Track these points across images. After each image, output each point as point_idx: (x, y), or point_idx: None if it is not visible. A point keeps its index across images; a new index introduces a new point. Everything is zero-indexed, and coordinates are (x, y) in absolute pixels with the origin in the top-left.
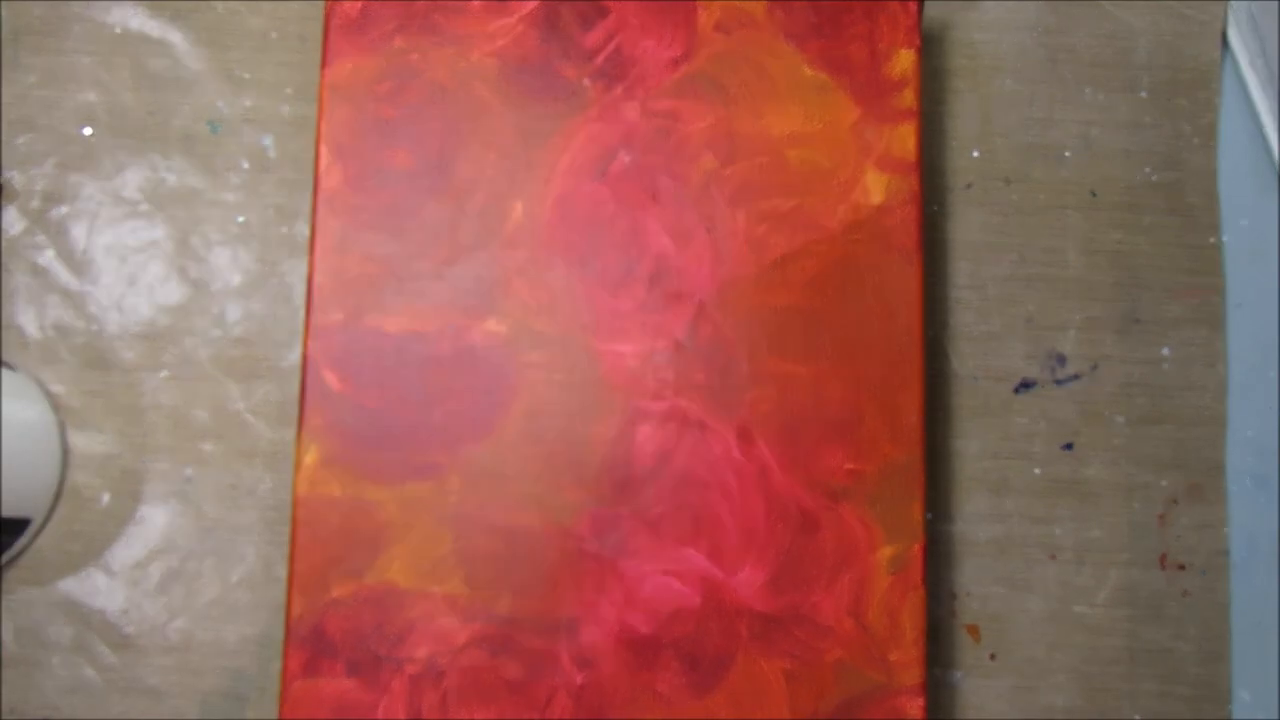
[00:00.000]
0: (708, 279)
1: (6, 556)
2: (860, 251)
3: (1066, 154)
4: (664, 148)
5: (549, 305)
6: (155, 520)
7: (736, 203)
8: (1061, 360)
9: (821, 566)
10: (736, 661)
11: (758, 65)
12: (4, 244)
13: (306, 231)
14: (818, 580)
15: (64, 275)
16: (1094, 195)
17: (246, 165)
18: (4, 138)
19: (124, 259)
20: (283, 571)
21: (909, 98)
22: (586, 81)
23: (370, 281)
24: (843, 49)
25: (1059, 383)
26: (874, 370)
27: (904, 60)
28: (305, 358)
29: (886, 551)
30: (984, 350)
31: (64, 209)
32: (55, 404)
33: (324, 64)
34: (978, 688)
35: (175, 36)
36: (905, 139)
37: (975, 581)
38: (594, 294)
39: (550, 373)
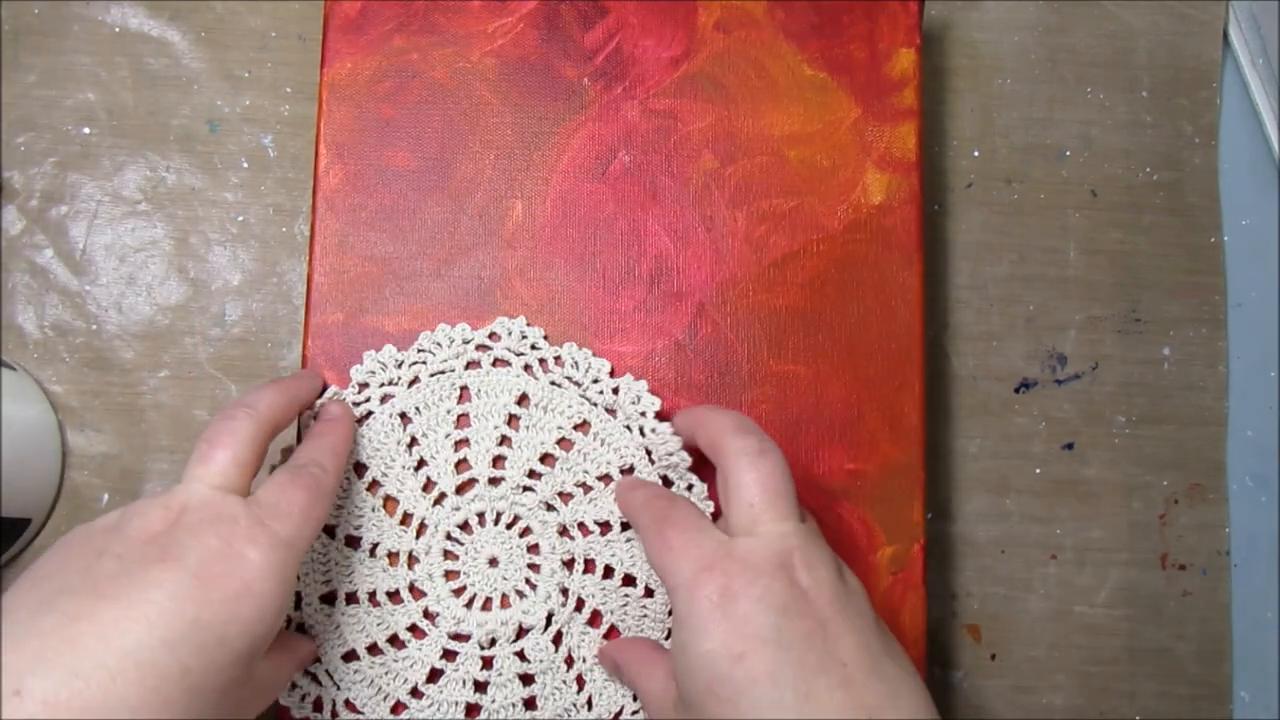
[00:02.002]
0: (708, 279)
1: (6, 556)
2: (860, 251)
3: (1066, 154)
4: (664, 147)
5: (549, 305)
6: None
7: (736, 202)
8: (1061, 360)
9: None
10: None
11: (758, 65)
12: (3, 243)
13: (306, 231)
14: None
15: (63, 275)
16: (1094, 195)
17: (246, 165)
18: (4, 137)
19: (123, 258)
20: None
21: (909, 97)
22: (586, 81)
23: (370, 281)
24: (843, 48)
25: (1059, 383)
26: (874, 370)
27: (904, 60)
28: (305, 358)
29: (886, 551)
30: (984, 350)
31: (63, 208)
32: (55, 404)
33: (323, 64)
34: (978, 688)
35: (174, 36)
36: (905, 139)
37: (975, 581)
38: (594, 294)
39: None
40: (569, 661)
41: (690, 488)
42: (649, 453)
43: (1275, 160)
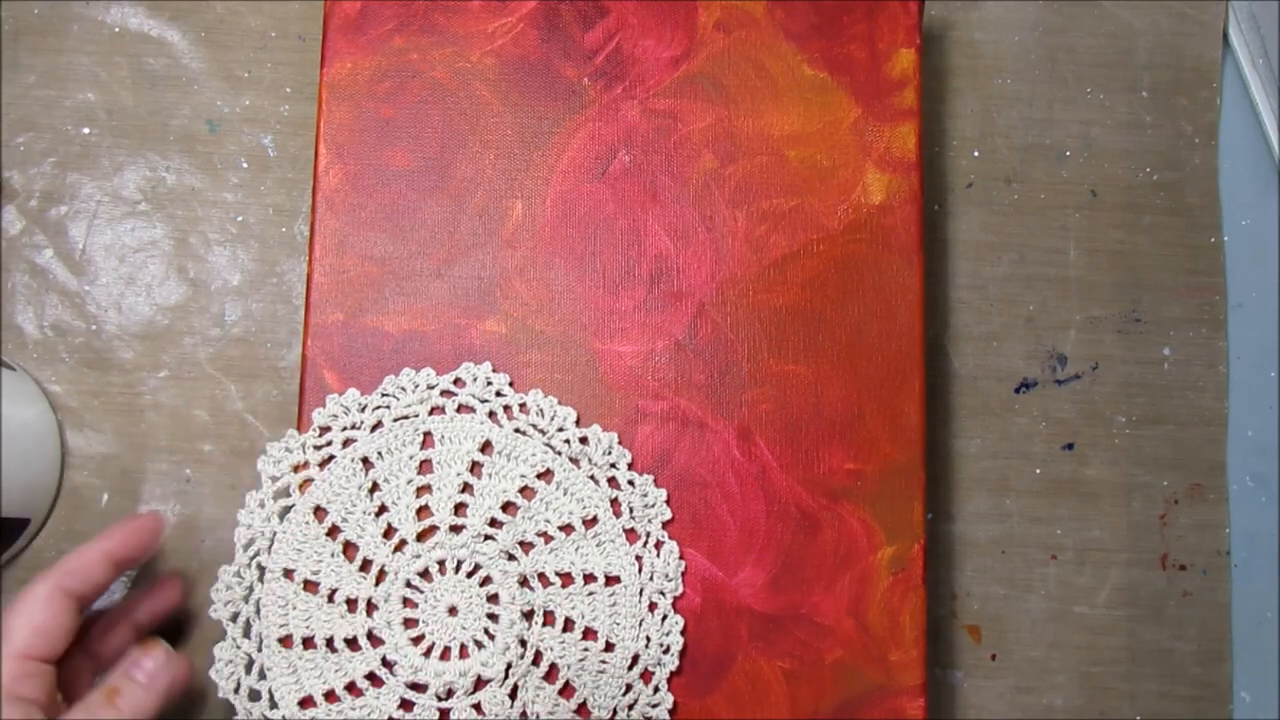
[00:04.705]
0: (708, 279)
1: (6, 556)
2: (860, 251)
3: (1066, 154)
4: (664, 147)
5: (549, 305)
6: None
7: (736, 202)
8: (1062, 360)
9: (821, 566)
10: (736, 661)
11: (758, 65)
12: (3, 243)
13: (306, 231)
14: (818, 580)
15: (63, 275)
16: (1094, 195)
17: (246, 164)
18: (4, 137)
19: (123, 258)
20: None
21: (909, 97)
22: (586, 81)
23: (369, 281)
24: (843, 48)
25: (1059, 383)
26: (874, 370)
27: (904, 60)
28: (305, 358)
29: (886, 551)
30: (984, 350)
31: (63, 208)
32: (55, 404)
33: (323, 63)
34: (978, 688)
35: (174, 36)
36: (905, 139)
37: (975, 581)
38: (594, 294)
39: (550, 373)
40: (524, 717)
41: (660, 545)
42: (613, 504)
43: (1275, 160)
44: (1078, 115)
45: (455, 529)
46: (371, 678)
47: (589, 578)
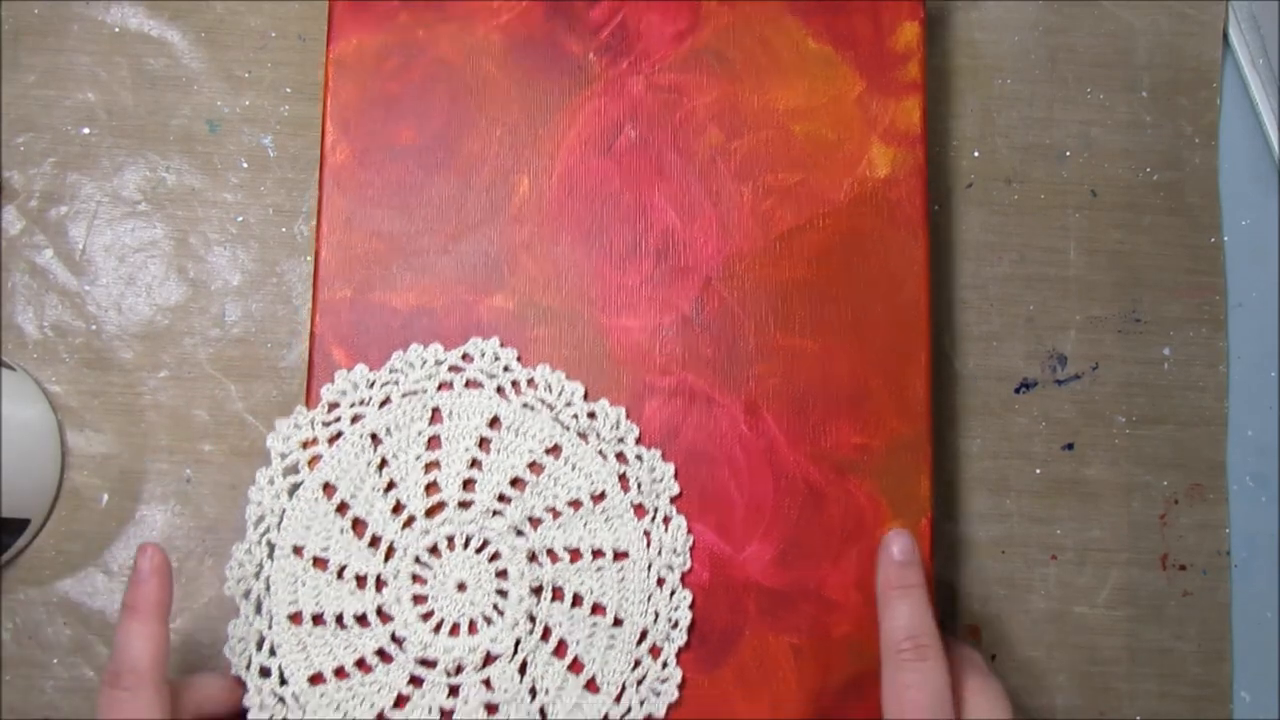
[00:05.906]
0: (714, 253)
1: (6, 556)
2: (866, 224)
3: (1066, 154)
4: (669, 122)
5: (556, 280)
6: (154, 520)
7: (742, 176)
8: (1062, 360)
9: (829, 541)
10: (744, 637)
11: (762, 39)
12: (3, 244)
13: (306, 231)
14: (825, 555)
15: (63, 275)
16: (1094, 195)
17: (246, 165)
18: (4, 137)
19: (123, 259)
20: None
21: (914, 70)
22: (592, 56)
23: (377, 257)
24: (847, 22)
25: (1059, 383)
26: (881, 343)
27: (908, 33)
28: (313, 334)
29: (894, 525)
30: (984, 350)
31: (63, 209)
32: (55, 404)
33: (329, 40)
34: None
35: (174, 36)
36: (910, 112)
37: (975, 581)
38: (601, 269)
39: (557, 348)
40: (532, 693)
41: (668, 520)
42: (621, 479)
43: (1275, 160)
44: (1078, 115)
45: (464, 504)
46: (381, 654)
47: (597, 553)
